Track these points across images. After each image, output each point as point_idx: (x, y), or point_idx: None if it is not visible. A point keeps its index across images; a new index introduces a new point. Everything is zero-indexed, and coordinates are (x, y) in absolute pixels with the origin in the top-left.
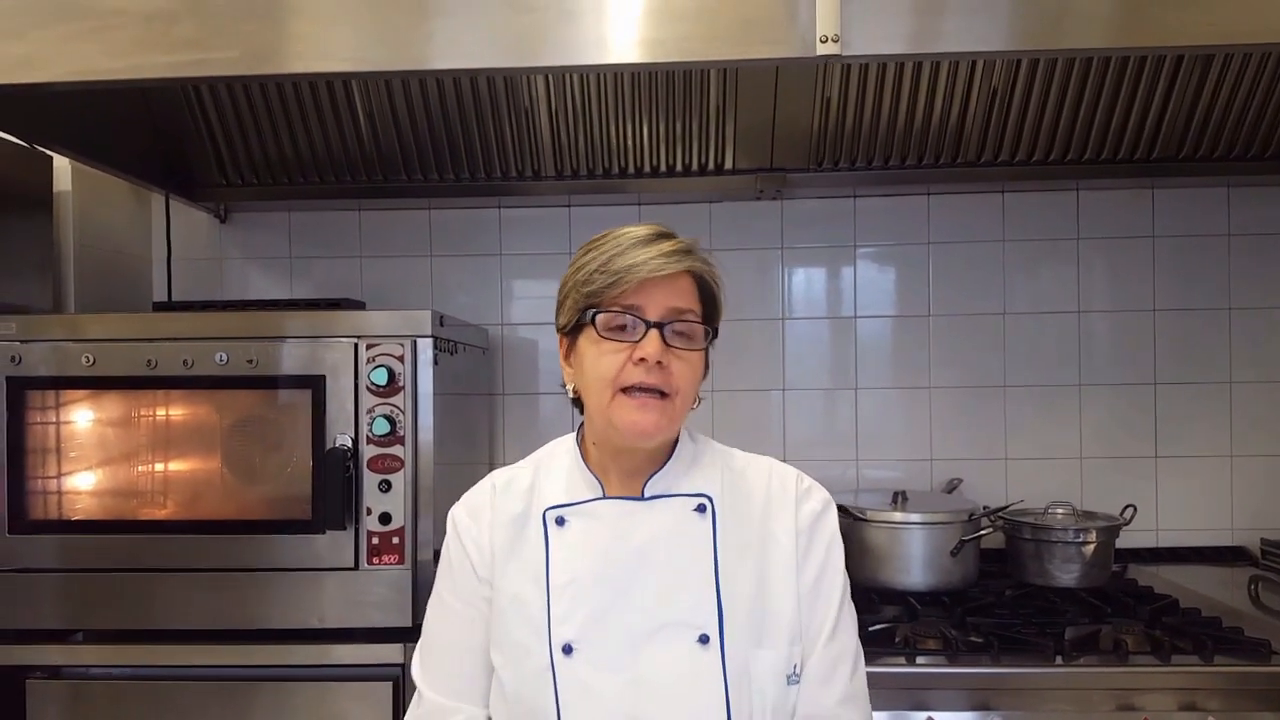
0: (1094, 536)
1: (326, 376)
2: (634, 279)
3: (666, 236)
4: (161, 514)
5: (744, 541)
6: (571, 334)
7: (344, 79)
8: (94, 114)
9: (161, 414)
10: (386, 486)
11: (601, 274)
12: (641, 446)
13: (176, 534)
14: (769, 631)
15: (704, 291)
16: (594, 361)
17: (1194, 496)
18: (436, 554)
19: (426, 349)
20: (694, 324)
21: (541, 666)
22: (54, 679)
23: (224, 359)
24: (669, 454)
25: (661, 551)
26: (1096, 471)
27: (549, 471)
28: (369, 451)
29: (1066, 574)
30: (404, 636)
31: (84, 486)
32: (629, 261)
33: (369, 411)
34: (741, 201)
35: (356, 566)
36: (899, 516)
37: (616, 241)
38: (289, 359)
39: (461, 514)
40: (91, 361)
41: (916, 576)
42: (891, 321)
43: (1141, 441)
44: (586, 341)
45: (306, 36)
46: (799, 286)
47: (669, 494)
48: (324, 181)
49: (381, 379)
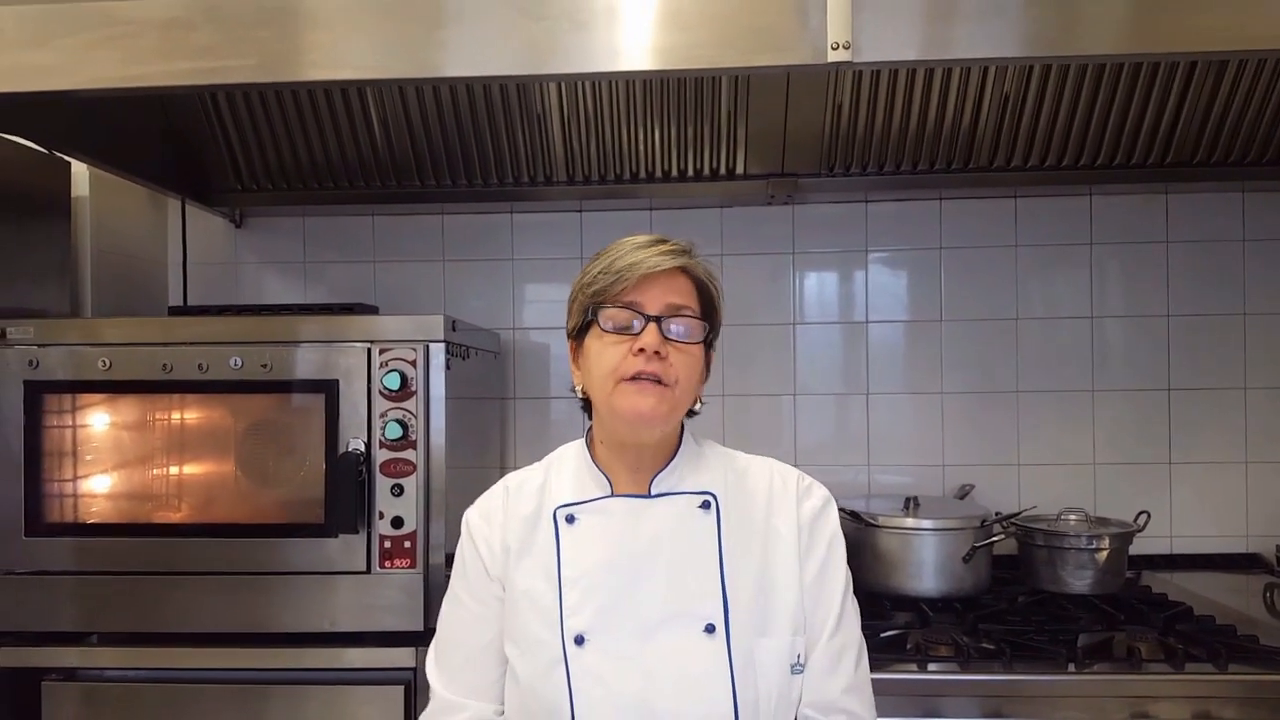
0: (1107, 543)
1: (340, 381)
2: (633, 275)
3: (665, 241)
4: (176, 517)
5: (747, 536)
6: (579, 336)
7: (358, 86)
8: (112, 121)
9: (176, 418)
10: (399, 490)
11: (604, 274)
12: (643, 435)
13: (190, 537)
14: (772, 622)
15: (701, 291)
16: (598, 355)
17: (1208, 503)
18: (448, 558)
19: (439, 354)
20: (691, 319)
21: (554, 657)
22: (69, 681)
23: (238, 363)
24: (673, 453)
25: (668, 546)
26: (1110, 477)
27: (559, 472)
28: (381, 456)
29: (1079, 581)
30: (416, 640)
31: (99, 490)
32: (628, 261)
33: (381, 416)
34: (753, 206)
35: (368, 570)
36: (911, 522)
37: (618, 248)
38: (303, 363)
39: (475, 516)
40: (108, 365)
41: (928, 583)
42: (903, 326)
43: (1155, 447)
44: (592, 339)
45: (322, 45)
46: (810, 291)
47: (674, 491)
48: (338, 187)
49: (394, 383)
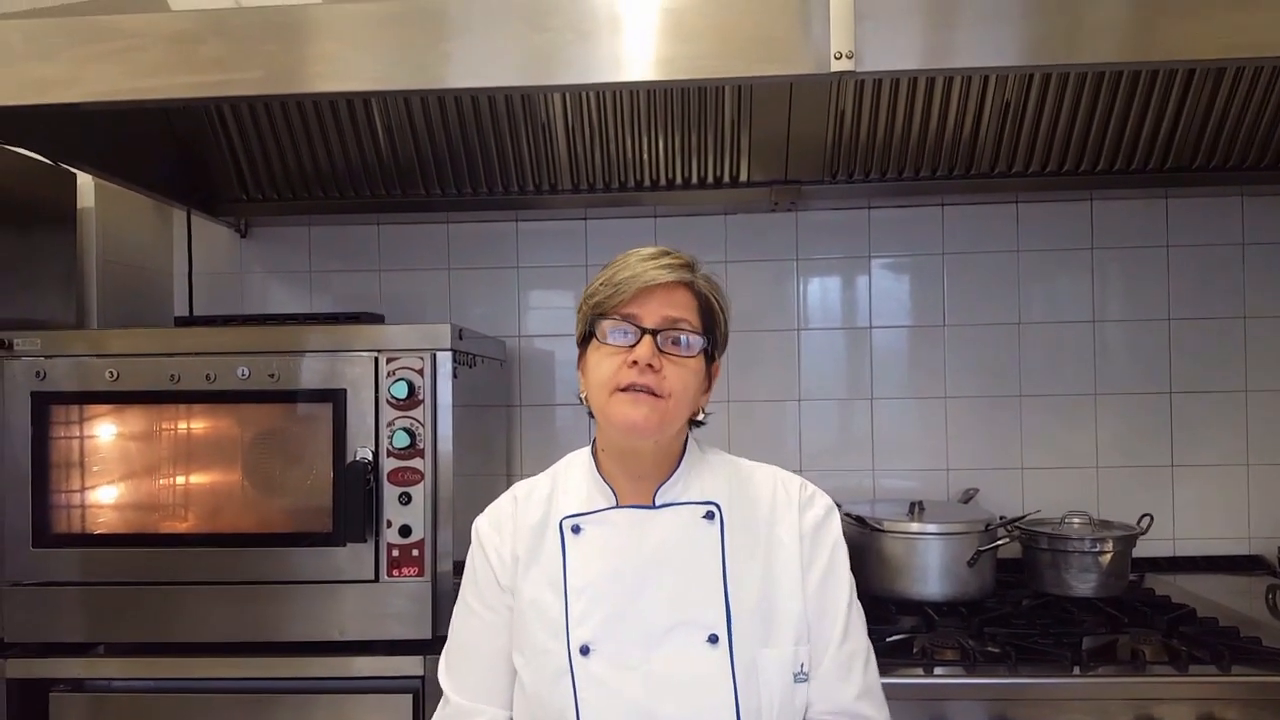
0: (1111, 546)
1: (347, 390)
2: (631, 288)
3: (669, 254)
4: (183, 527)
5: (750, 546)
6: (583, 345)
7: (365, 98)
8: (117, 132)
9: (183, 428)
10: (406, 499)
11: (605, 287)
12: (636, 444)
13: (198, 547)
14: (775, 631)
15: (703, 305)
16: (596, 366)
17: (1210, 505)
18: (456, 566)
19: (446, 362)
20: (689, 333)
21: (560, 667)
22: (77, 692)
23: (246, 373)
24: (677, 463)
25: (672, 556)
26: (1113, 481)
27: (566, 481)
28: (389, 464)
29: (1083, 584)
30: (424, 649)
31: (107, 500)
32: (629, 274)
33: (389, 425)
34: (757, 213)
35: (377, 579)
36: (916, 527)
37: (623, 261)
38: (310, 373)
39: (484, 525)
40: (115, 376)
41: (933, 587)
42: (907, 332)
43: (1158, 450)
44: (592, 349)
45: (328, 57)
46: (814, 297)
47: (678, 502)
48: (343, 196)
49: (401, 392)
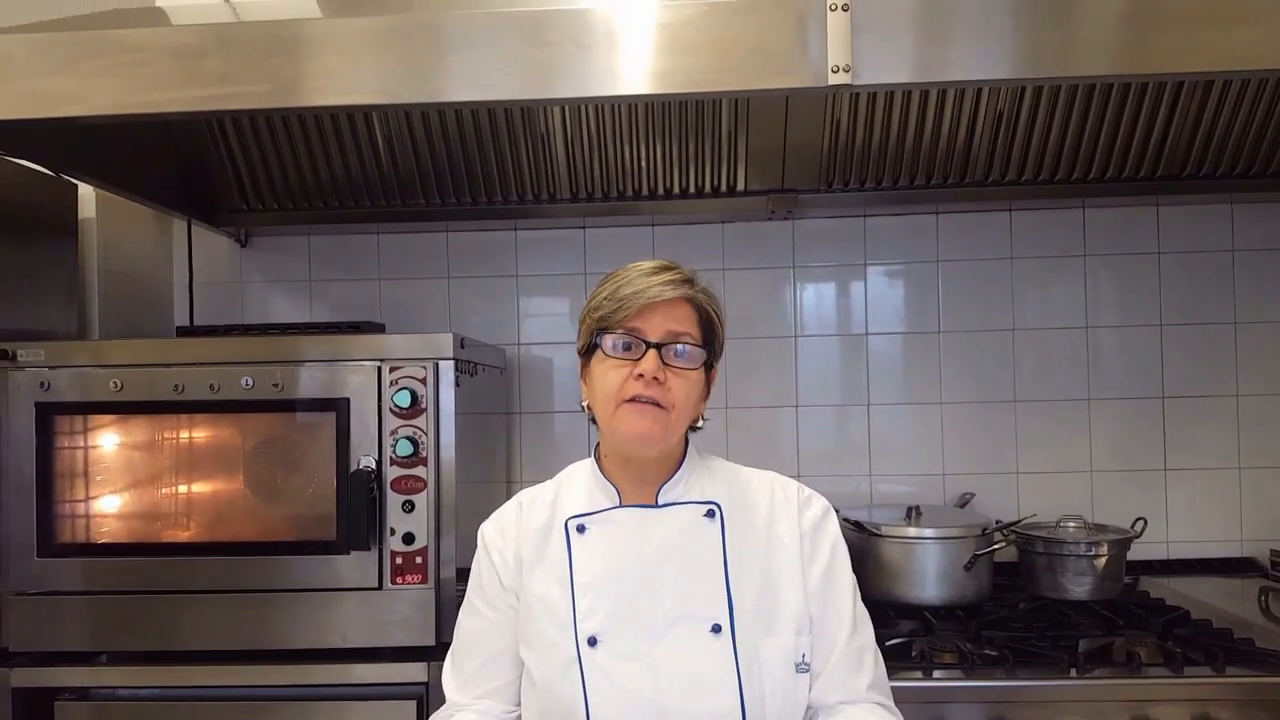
0: (1105, 549)
1: (350, 399)
2: (636, 304)
3: (670, 269)
4: (187, 536)
5: (751, 542)
6: (586, 356)
7: (365, 111)
8: (118, 143)
9: (187, 438)
10: (410, 507)
11: (609, 301)
12: (643, 453)
13: (202, 556)
14: (777, 622)
15: (703, 318)
16: (601, 378)
17: (1203, 508)
18: (459, 573)
19: (448, 371)
20: (691, 346)
21: (569, 658)
22: (82, 700)
23: (250, 383)
24: (677, 465)
25: (675, 552)
26: (1107, 485)
27: (570, 486)
28: (392, 473)
29: (1079, 587)
30: (428, 655)
31: (111, 510)
32: (632, 290)
33: (392, 433)
34: (753, 222)
35: (380, 586)
36: (913, 531)
37: (625, 274)
38: (314, 382)
39: (490, 529)
40: (119, 387)
41: (931, 591)
42: (902, 338)
43: (1151, 454)
44: (596, 361)
45: (331, 71)
46: (811, 304)
47: (681, 501)
48: (343, 206)
49: (404, 401)
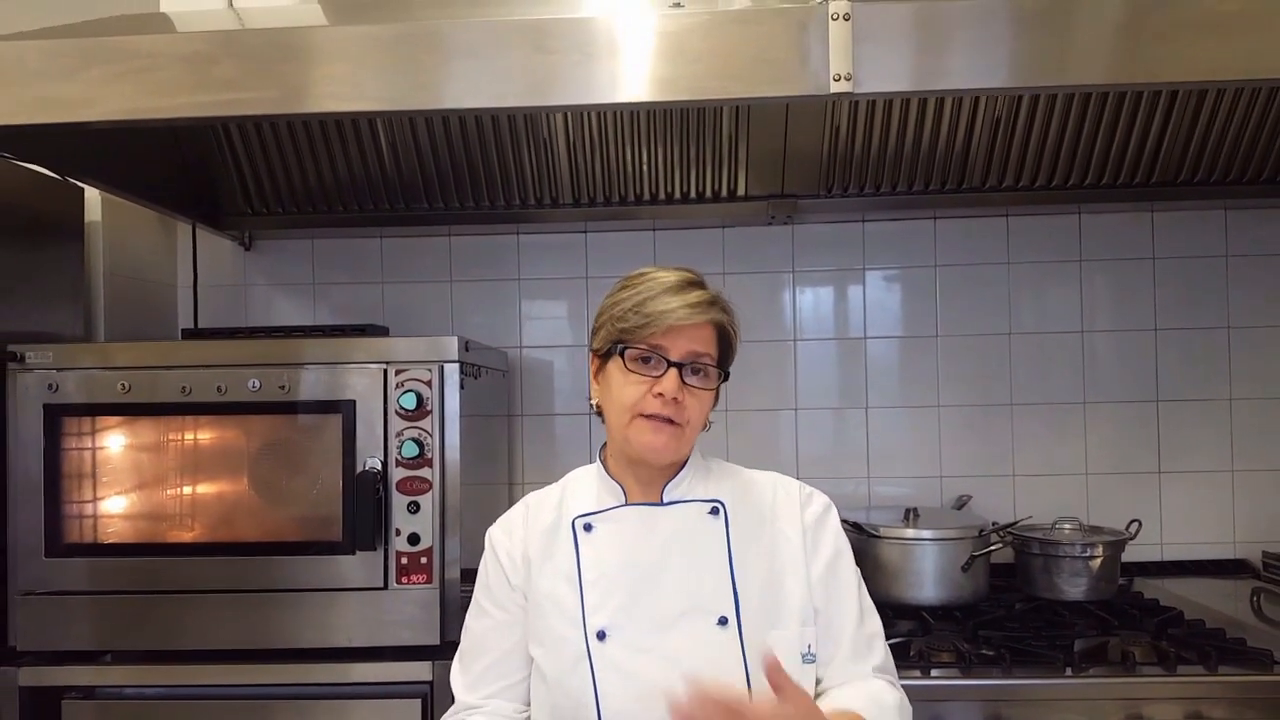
0: (1100, 551)
1: (356, 401)
2: (663, 324)
3: (696, 285)
4: (194, 537)
5: (754, 538)
6: (603, 357)
7: (371, 117)
8: (124, 147)
9: (193, 439)
10: (415, 508)
11: (635, 314)
12: (653, 462)
13: (209, 556)
14: (782, 614)
15: (722, 339)
16: (619, 388)
17: (1197, 511)
18: (464, 573)
19: (453, 374)
20: (709, 367)
21: (578, 653)
22: (88, 699)
23: (256, 385)
24: (682, 465)
25: (680, 548)
26: (1102, 487)
27: (576, 488)
28: (398, 474)
29: (1074, 587)
30: (432, 654)
31: (118, 510)
32: (660, 307)
33: (398, 435)
34: (753, 226)
35: (385, 586)
36: (911, 533)
37: (650, 285)
38: (320, 385)
39: (497, 531)
40: (127, 388)
41: (929, 591)
42: (900, 342)
43: (1145, 457)
44: (615, 368)
45: (338, 78)
46: (810, 309)
47: (685, 499)
48: (347, 209)
49: (410, 403)
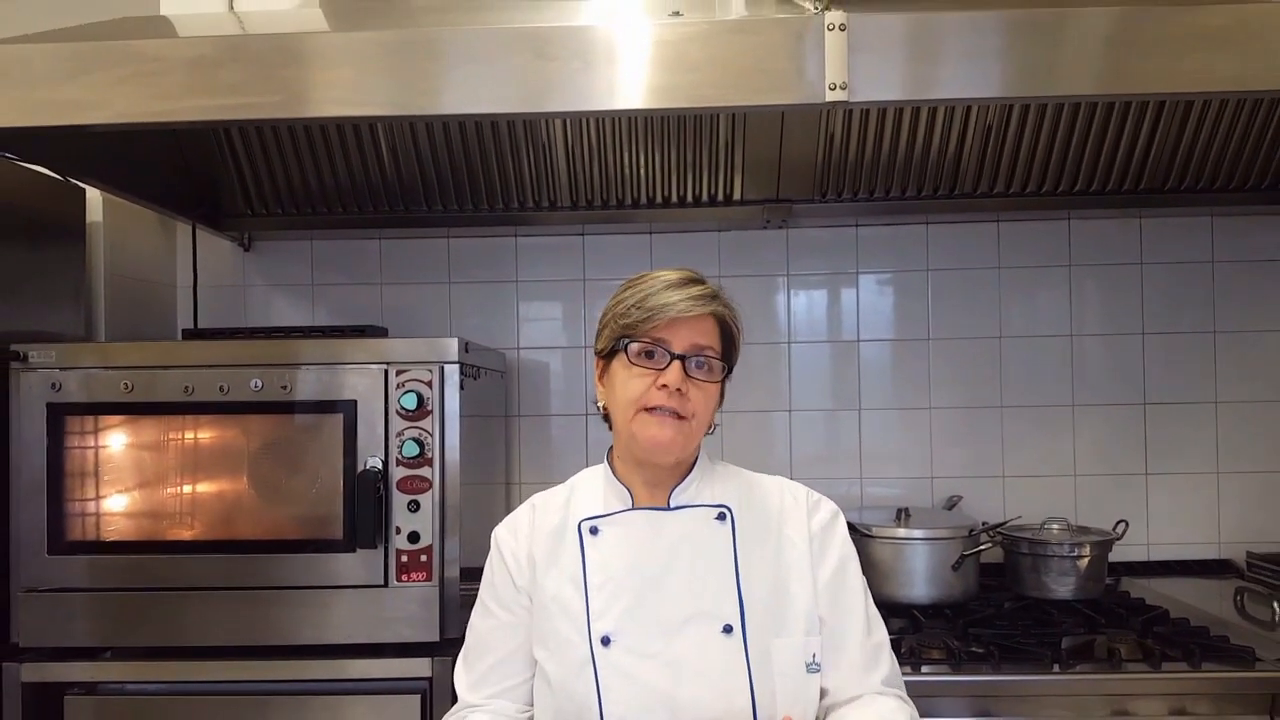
0: (1088, 550)
1: (357, 401)
2: (665, 316)
3: (696, 282)
4: (196, 535)
5: (761, 544)
6: (606, 358)
7: (372, 122)
8: (126, 148)
9: (196, 438)
10: (415, 506)
11: (637, 309)
12: (660, 460)
13: (212, 554)
14: (787, 623)
15: (724, 332)
16: (624, 384)
17: (1183, 512)
18: (463, 571)
19: (454, 374)
20: (713, 359)
21: (583, 657)
22: (90, 695)
23: (259, 385)
24: (689, 469)
25: (687, 552)
26: (1090, 488)
27: (582, 489)
28: (398, 473)
29: (1062, 586)
30: (432, 651)
31: (122, 508)
32: (662, 301)
33: (398, 434)
34: (749, 230)
35: (386, 584)
36: (902, 533)
37: (652, 283)
38: (322, 385)
39: (503, 532)
40: (130, 388)
41: (920, 590)
42: (892, 345)
43: (1133, 459)
44: (619, 365)
45: (341, 83)
46: (803, 311)
47: (692, 504)
48: (346, 211)
49: (411, 404)
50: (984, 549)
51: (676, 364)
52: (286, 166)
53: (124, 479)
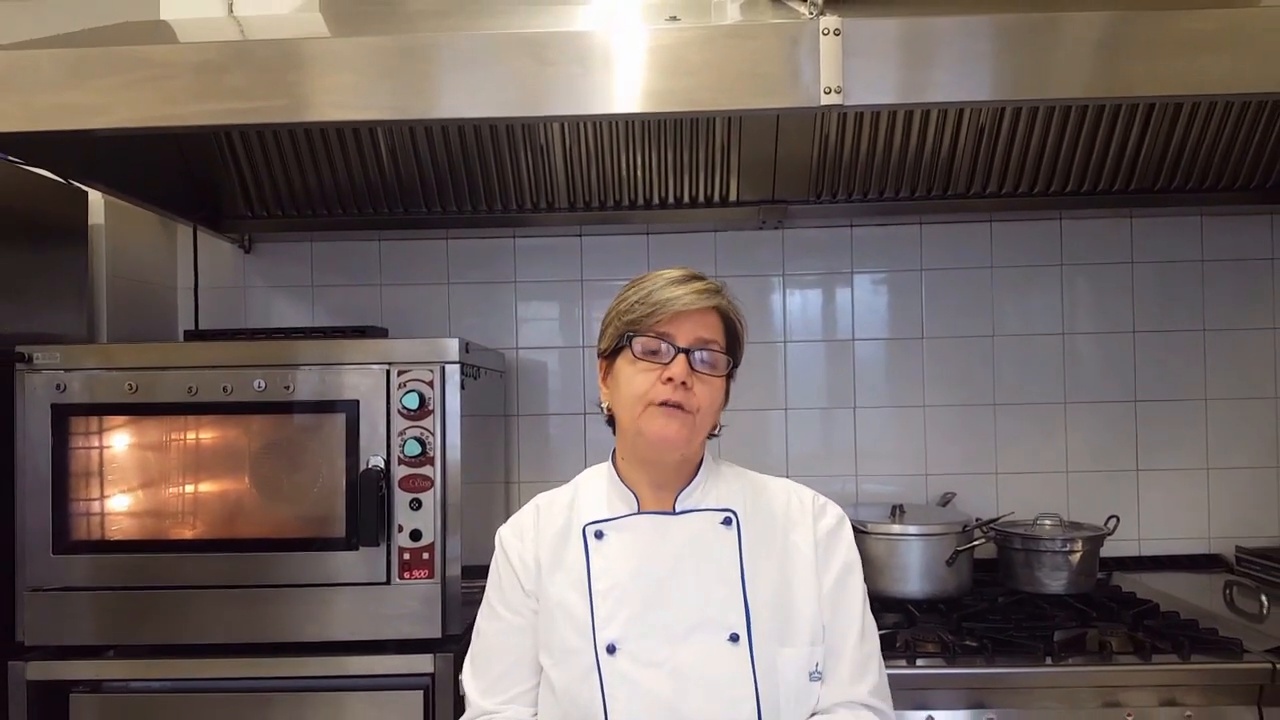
0: (1080, 546)
1: (360, 401)
2: (668, 311)
3: (699, 278)
4: (200, 534)
5: (767, 551)
6: (610, 357)
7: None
8: (127, 151)
9: (199, 438)
10: (417, 505)
11: (641, 305)
12: (665, 456)
13: (215, 552)
14: (792, 633)
15: (728, 327)
16: (629, 379)
17: (1173, 507)
18: (465, 569)
19: (454, 374)
20: (717, 353)
21: (588, 665)
22: (95, 693)
23: (262, 385)
24: (695, 472)
25: (693, 559)
26: (1082, 484)
27: (587, 491)
28: (400, 472)
29: (1055, 581)
30: (434, 647)
31: (125, 508)
32: (665, 296)
33: (400, 434)
34: (745, 231)
35: (388, 581)
36: (897, 529)
37: (655, 281)
38: (324, 385)
39: (508, 533)
40: (134, 389)
41: (914, 585)
42: (887, 344)
43: (1124, 455)
44: (623, 362)
45: (344, 88)
46: (799, 311)
47: (698, 508)
48: (346, 213)
49: (413, 403)
50: (977, 544)
51: (681, 357)
52: (287, 169)
53: (128, 479)
